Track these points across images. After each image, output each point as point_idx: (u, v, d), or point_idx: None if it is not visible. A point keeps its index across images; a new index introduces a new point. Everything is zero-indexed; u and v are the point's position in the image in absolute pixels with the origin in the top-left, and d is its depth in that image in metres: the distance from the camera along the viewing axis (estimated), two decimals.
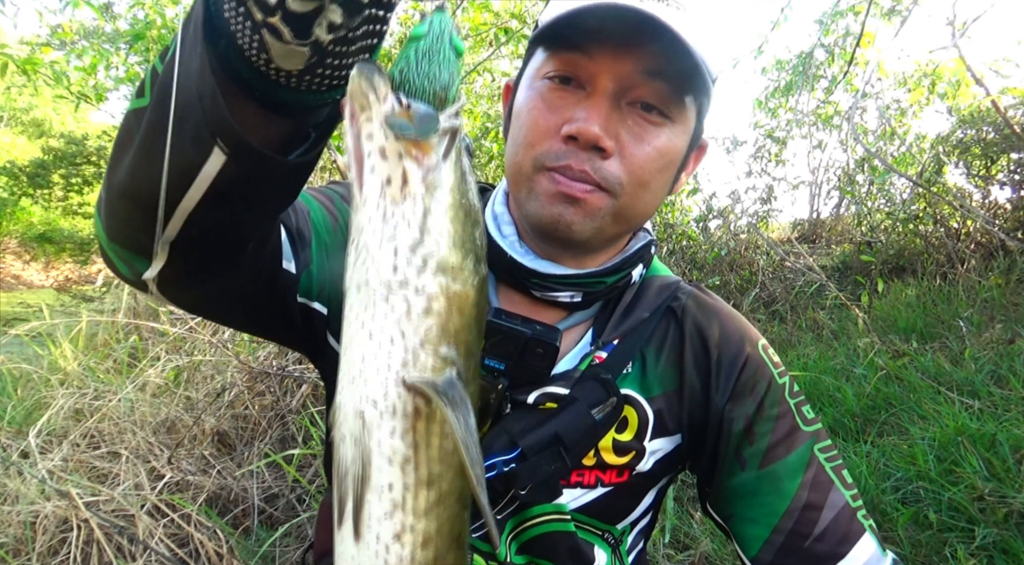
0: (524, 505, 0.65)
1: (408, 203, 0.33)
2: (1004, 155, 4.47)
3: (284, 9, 0.34)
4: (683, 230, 4.96)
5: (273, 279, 0.58)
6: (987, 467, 1.98)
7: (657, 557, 1.86)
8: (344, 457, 0.34)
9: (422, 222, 0.33)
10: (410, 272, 0.33)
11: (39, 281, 11.67)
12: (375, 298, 0.33)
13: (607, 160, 0.60)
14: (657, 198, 0.66)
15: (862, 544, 0.61)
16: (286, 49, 0.36)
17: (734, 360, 0.69)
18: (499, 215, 0.71)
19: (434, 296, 0.34)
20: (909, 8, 4.06)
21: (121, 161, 0.44)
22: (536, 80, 0.63)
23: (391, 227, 0.33)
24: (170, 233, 0.44)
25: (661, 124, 0.61)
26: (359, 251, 0.34)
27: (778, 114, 6.35)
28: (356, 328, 0.33)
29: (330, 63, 0.38)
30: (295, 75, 0.38)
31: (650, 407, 0.68)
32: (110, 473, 2.05)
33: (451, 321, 0.34)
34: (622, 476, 0.68)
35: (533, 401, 0.65)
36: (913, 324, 3.58)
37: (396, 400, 0.33)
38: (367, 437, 0.33)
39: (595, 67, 0.59)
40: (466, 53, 4.53)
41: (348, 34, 0.37)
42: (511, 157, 0.65)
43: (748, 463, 0.65)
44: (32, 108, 15.11)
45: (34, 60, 2.80)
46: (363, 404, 0.33)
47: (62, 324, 3.12)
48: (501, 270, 0.70)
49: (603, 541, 0.70)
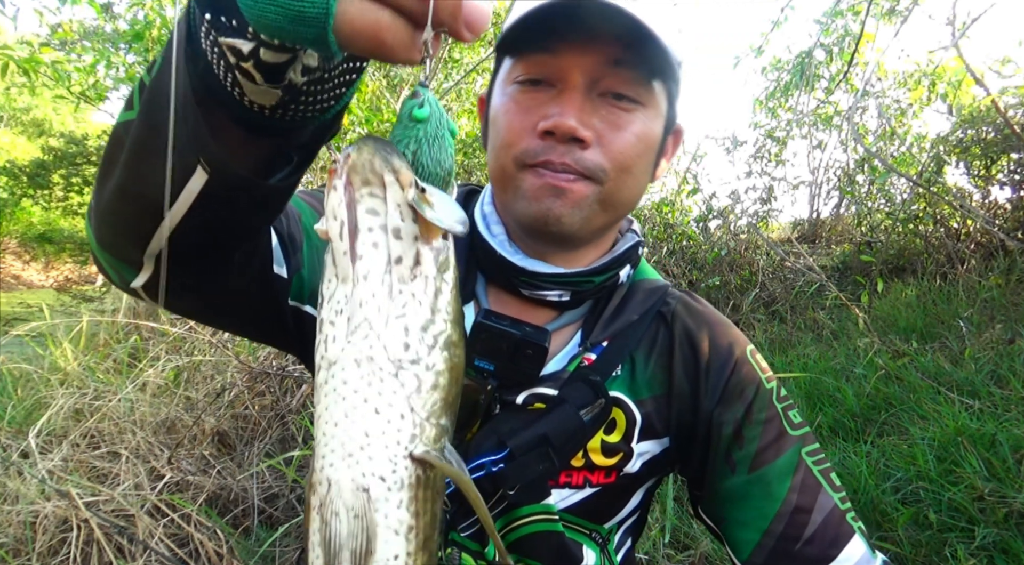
0: (513, 505, 0.66)
1: (418, 283, 0.34)
2: (1004, 155, 4.47)
3: (257, 58, 0.34)
4: (683, 230, 4.96)
5: (265, 284, 0.59)
6: (987, 467, 1.98)
7: (657, 557, 1.86)
8: (338, 532, 0.34)
9: (433, 302, 0.34)
10: (422, 350, 0.34)
11: (39, 281, 11.67)
12: (383, 375, 0.33)
13: (587, 150, 0.61)
14: (640, 184, 0.67)
15: (851, 546, 0.62)
16: (258, 90, 0.36)
17: (723, 365, 0.69)
18: (488, 215, 0.72)
19: (441, 372, 0.35)
20: (909, 8, 4.06)
21: (111, 172, 0.44)
22: (507, 86, 0.64)
23: (399, 305, 0.33)
24: (155, 247, 0.44)
25: (633, 110, 0.62)
26: (356, 325, 0.33)
27: (778, 114, 6.35)
28: (356, 403, 0.33)
29: (304, 100, 0.39)
30: (268, 109, 0.39)
31: (638, 410, 0.69)
32: (110, 473, 2.05)
33: (451, 392, 0.36)
34: (610, 477, 0.68)
35: (522, 402, 0.66)
36: (913, 324, 3.58)
37: (404, 473, 0.34)
38: (372, 511, 0.33)
39: (562, 64, 0.60)
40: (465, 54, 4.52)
41: (324, 75, 0.37)
42: (492, 162, 0.66)
43: (738, 467, 0.66)
44: (32, 108, 15.11)
45: (35, 59, 2.80)
46: (368, 480, 0.33)
47: (62, 324, 3.12)
48: (490, 269, 0.71)
49: (591, 540, 0.70)
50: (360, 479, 0.33)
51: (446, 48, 3.93)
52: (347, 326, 0.34)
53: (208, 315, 0.61)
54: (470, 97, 5.29)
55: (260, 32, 0.32)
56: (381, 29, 0.30)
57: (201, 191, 0.40)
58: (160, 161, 0.39)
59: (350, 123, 3.80)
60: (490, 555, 0.66)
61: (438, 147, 0.36)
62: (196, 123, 0.37)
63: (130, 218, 0.44)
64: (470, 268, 0.72)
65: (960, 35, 3.37)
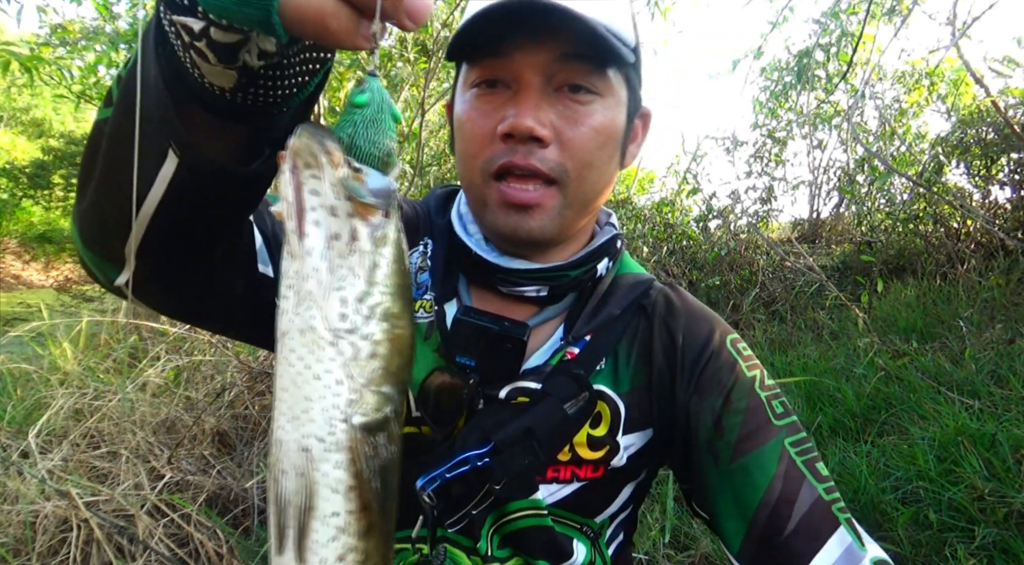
0: (501, 500, 0.66)
1: (355, 258, 0.37)
2: (1004, 155, 4.47)
3: (208, 38, 0.35)
4: (683, 230, 4.96)
5: (250, 283, 0.59)
6: (987, 467, 1.98)
7: (657, 557, 1.86)
8: (286, 489, 0.37)
9: (370, 275, 0.37)
10: (358, 320, 0.37)
11: (39, 281, 11.67)
12: (322, 343, 0.36)
13: (546, 148, 0.61)
14: (606, 175, 0.67)
15: (836, 537, 0.60)
16: (214, 70, 0.37)
17: (699, 354, 0.69)
18: (464, 214, 0.73)
19: (379, 341, 0.37)
20: (909, 8, 4.06)
21: (92, 169, 0.45)
22: (465, 91, 0.66)
23: (338, 279, 0.36)
24: (131, 242, 0.45)
25: (590, 102, 0.63)
26: (302, 298, 0.36)
27: (778, 114, 6.35)
28: (300, 369, 0.37)
29: (264, 85, 0.39)
30: (228, 91, 0.39)
31: (622, 402, 0.69)
32: (110, 473, 2.05)
33: (393, 362, 0.38)
34: (597, 471, 0.69)
35: (505, 396, 0.66)
36: (913, 324, 3.58)
37: (342, 436, 0.37)
38: (312, 470, 0.36)
39: (513, 65, 0.61)
40: None
41: (284, 61, 0.38)
42: (461, 173, 0.68)
43: (720, 457, 0.65)
44: (32, 108, 15.11)
45: (38, 57, 2.80)
46: (308, 440, 0.36)
47: (62, 324, 3.12)
48: (469, 269, 0.72)
49: (582, 534, 0.71)
50: (302, 440, 0.36)
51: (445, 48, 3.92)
52: (295, 299, 0.37)
53: (194, 314, 0.61)
54: None
55: (207, 11, 0.33)
56: (325, 15, 0.32)
57: (173, 177, 0.41)
58: (129, 151, 0.40)
59: None
60: (483, 550, 0.67)
61: (375, 130, 0.38)
62: (165, 106, 0.39)
63: (111, 210, 0.45)
64: (451, 268, 0.73)
65: (960, 35, 3.37)
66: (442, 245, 0.73)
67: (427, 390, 0.66)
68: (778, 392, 0.69)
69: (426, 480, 0.63)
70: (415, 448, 0.67)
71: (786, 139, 6.27)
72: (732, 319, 4.33)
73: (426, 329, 0.70)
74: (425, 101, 3.51)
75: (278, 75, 0.39)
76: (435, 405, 0.66)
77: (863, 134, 5.63)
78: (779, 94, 6.12)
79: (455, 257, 0.73)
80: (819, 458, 0.66)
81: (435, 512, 0.64)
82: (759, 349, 3.62)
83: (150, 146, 0.40)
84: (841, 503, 0.63)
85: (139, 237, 0.45)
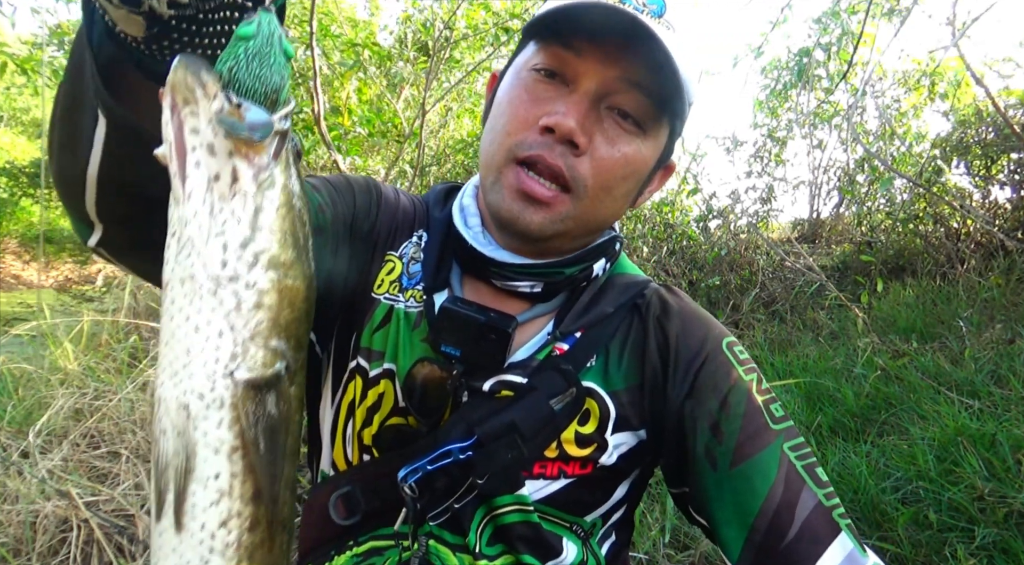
0: (486, 495, 0.65)
1: (238, 200, 0.34)
2: (1004, 155, 4.47)
3: None
4: (683, 230, 4.96)
5: None
6: (987, 467, 1.98)
7: (657, 557, 1.86)
8: (165, 450, 0.34)
9: (253, 219, 0.34)
10: (240, 267, 0.34)
11: (39, 281, 11.66)
12: (202, 292, 0.33)
13: (578, 157, 0.61)
14: (618, 207, 0.67)
15: (838, 543, 0.59)
16: (119, 14, 0.36)
17: (693, 357, 0.68)
18: (466, 207, 0.73)
19: (265, 291, 0.35)
20: (909, 8, 4.06)
21: (51, 134, 0.47)
22: (523, 71, 0.65)
23: (219, 223, 0.34)
24: (88, 203, 0.46)
25: (634, 133, 0.63)
26: (183, 245, 0.34)
27: (778, 114, 6.35)
28: (180, 321, 0.34)
29: (178, 38, 0.38)
30: (142, 43, 0.38)
31: (612, 401, 0.68)
32: (110, 473, 2.05)
33: (282, 315, 0.35)
34: (585, 468, 0.68)
35: (488, 389, 0.66)
36: (913, 324, 3.58)
37: (224, 392, 0.34)
38: (192, 429, 0.33)
39: (583, 66, 0.60)
40: (465, 54, 4.51)
41: (198, 14, 0.37)
42: (487, 144, 0.67)
43: (719, 463, 0.64)
44: (32, 108, 15.10)
45: (34, 58, 2.80)
46: (188, 397, 0.34)
47: (62, 324, 3.12)
48: (465, 261, 0.72)
49: (571, 533, 0.70)
50: (182, 397, 0.34)
51: (446, 48, 3.92)
52: (176, 247, 0.34)
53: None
54: (471, 96, 5.28)
55: None
56: None
57: (105, 137, 0.41)
58: (77, 114, 0.40)
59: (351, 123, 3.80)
60: (472, 544, 0.66)
61: (259, 63, 0.35)
62: (89, 63, 0.39)
63: (68, 172, 0.46)
64: (445, 259, 0.73)
65: (960, 35, 3.37)
66: (438, 237, 0.73)
67: (412, 380, 0.66)
68: (775, 396, 0.68)
69: (407, 471, 0.62)
70: (402, 439, 0.67)
71: (786, 139, 6.27)
72: (732, 319, 4.33)
73: (415, 318, 0.70)
74: (425, 101, 3.51)
75: (194, 31, 0.37)
76: (421, 396, 0.66)
77: (863, 134, 5.62)
78: (779, 93, 6.12)
79: (451, 249, 0.73)
80: (817, 463, 0.65)
81: (417, 505, 0.63)
82: (759, 349, 3.62)
83: (88, 107, 0.41)
84: (841, 509, 0.62)
85: (93, 198, 0.46)
